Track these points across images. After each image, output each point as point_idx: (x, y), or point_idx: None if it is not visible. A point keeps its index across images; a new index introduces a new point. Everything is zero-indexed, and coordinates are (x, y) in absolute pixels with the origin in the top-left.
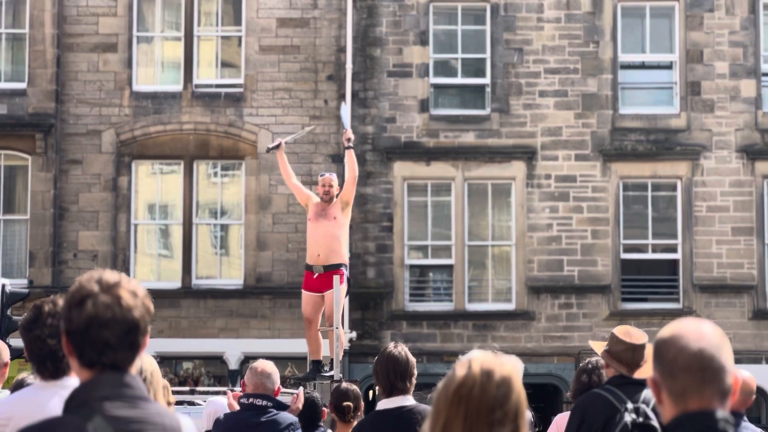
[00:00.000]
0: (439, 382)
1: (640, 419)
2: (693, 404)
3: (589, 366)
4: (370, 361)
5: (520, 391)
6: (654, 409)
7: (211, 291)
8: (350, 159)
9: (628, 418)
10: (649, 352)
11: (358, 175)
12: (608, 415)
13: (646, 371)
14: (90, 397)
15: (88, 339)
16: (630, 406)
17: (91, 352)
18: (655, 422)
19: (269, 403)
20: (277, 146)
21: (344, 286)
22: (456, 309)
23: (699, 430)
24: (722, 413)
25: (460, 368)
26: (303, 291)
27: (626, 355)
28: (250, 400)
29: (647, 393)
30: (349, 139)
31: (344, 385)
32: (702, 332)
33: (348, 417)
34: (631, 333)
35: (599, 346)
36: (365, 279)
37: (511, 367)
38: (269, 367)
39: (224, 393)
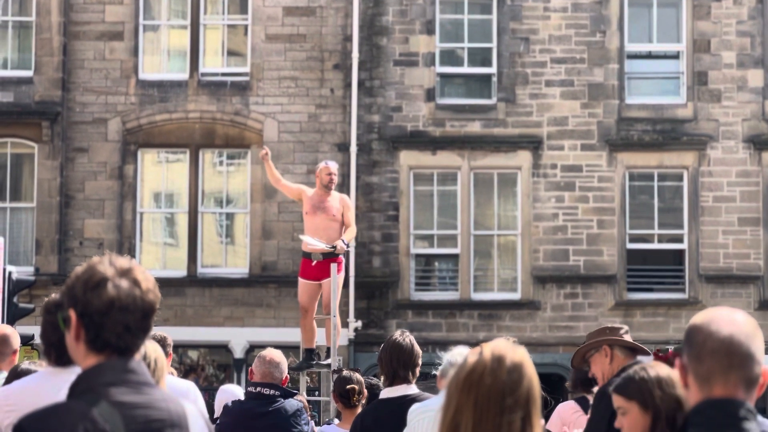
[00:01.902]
0: (451, 369)
1: None
2: (718, 390)
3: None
4: (375, 350)
5: (531, 377)
6: None
7: (217, 280)
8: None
9: None
10: None
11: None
12: None
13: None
14: (95, 383)
15: (108, 322)
16: None
17: (110, 335)
18: None
19: (277, 392)
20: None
21: (342, 275)
22: (461, 298)
23: (719, 417)
24: (745, 402)
25: (471, 355)
26: (300, 279)
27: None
28: (258, 389)
29: None
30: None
31: (346, 372)
32: (734, 319)
33: (353, 401)
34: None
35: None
36: (371, 268)
37: (523, 353)
38: (277, 356)
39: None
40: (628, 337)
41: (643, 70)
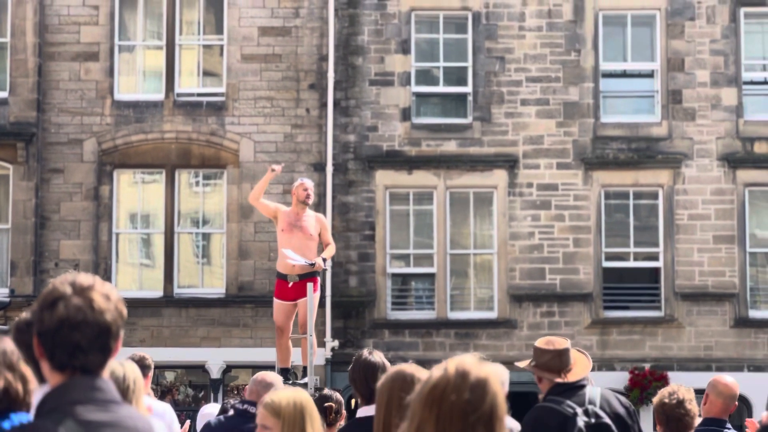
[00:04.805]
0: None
1: (592, 420)
2: None
3: None
4: None
5: (496, 394)
6: (602, 407)
7: (193, 300)
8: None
9: (581, 422)
10: (575, 355)
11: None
12: (560, 424)
13: (577, 373)
14: (61, 401)
15: (59, 341)
16: (579, 410)
17: (62, 354)
18: (606, 419)
19: None
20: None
21: (317, 294)
22: (438, 317)
23: None
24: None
25: (436, 370)
26: (275, 300)
27: (555, 362)
28: (245, 406)
29: (590, 392)
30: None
31: (327, 390)
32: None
33: (329, 419)
34: (552, 341)
35: (525, 364)
36: (347, 288)
37: (489, 370)
38: (269, 377)
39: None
40: (569, 356)
41: (617, 88)
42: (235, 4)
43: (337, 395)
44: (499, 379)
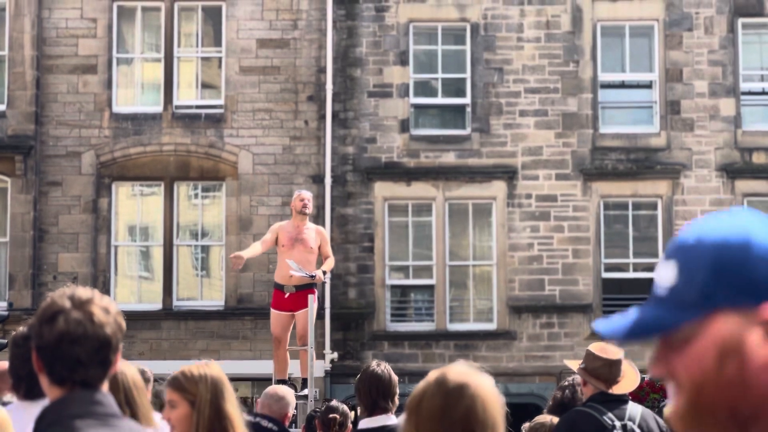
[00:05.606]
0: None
1: None
2: None
3: (566, 383)
4: (351, 381)
5: (473, 398)
6: (640, 426)
7: (192, 312)
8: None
9: None
10: (625, 368)
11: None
12: None
13: (624, 387)
14: (61, 415)
15: (59, 355)
16: (618, 424)
17: (62, 368)
18: None
19: (274, 427)
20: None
21: (315, 306)
22: (437, 329)
23: None
24: None
25: (423, 381)
26: (272, 310)
27: (604, 371)
28: (257, 419)
29: (631, 409)
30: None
31: (334, 402)
32: None
33: (333, 430)
34: (607, 349)
35: (575, 365)
36: (346, 299)
37: (471, 378)
38: (281, 390)
39: None
40: (620, 367)
41: (616, 99)
42: (234, 17)
43: (344, 407)
44: (485, 387)
